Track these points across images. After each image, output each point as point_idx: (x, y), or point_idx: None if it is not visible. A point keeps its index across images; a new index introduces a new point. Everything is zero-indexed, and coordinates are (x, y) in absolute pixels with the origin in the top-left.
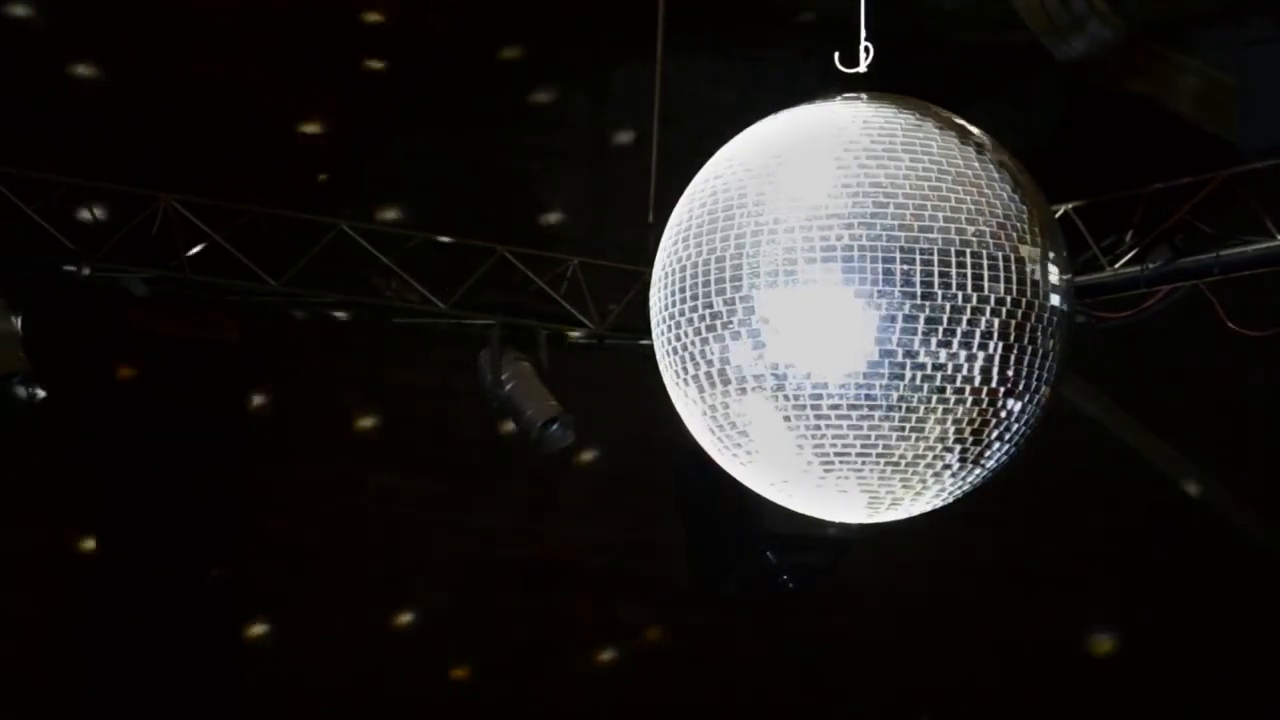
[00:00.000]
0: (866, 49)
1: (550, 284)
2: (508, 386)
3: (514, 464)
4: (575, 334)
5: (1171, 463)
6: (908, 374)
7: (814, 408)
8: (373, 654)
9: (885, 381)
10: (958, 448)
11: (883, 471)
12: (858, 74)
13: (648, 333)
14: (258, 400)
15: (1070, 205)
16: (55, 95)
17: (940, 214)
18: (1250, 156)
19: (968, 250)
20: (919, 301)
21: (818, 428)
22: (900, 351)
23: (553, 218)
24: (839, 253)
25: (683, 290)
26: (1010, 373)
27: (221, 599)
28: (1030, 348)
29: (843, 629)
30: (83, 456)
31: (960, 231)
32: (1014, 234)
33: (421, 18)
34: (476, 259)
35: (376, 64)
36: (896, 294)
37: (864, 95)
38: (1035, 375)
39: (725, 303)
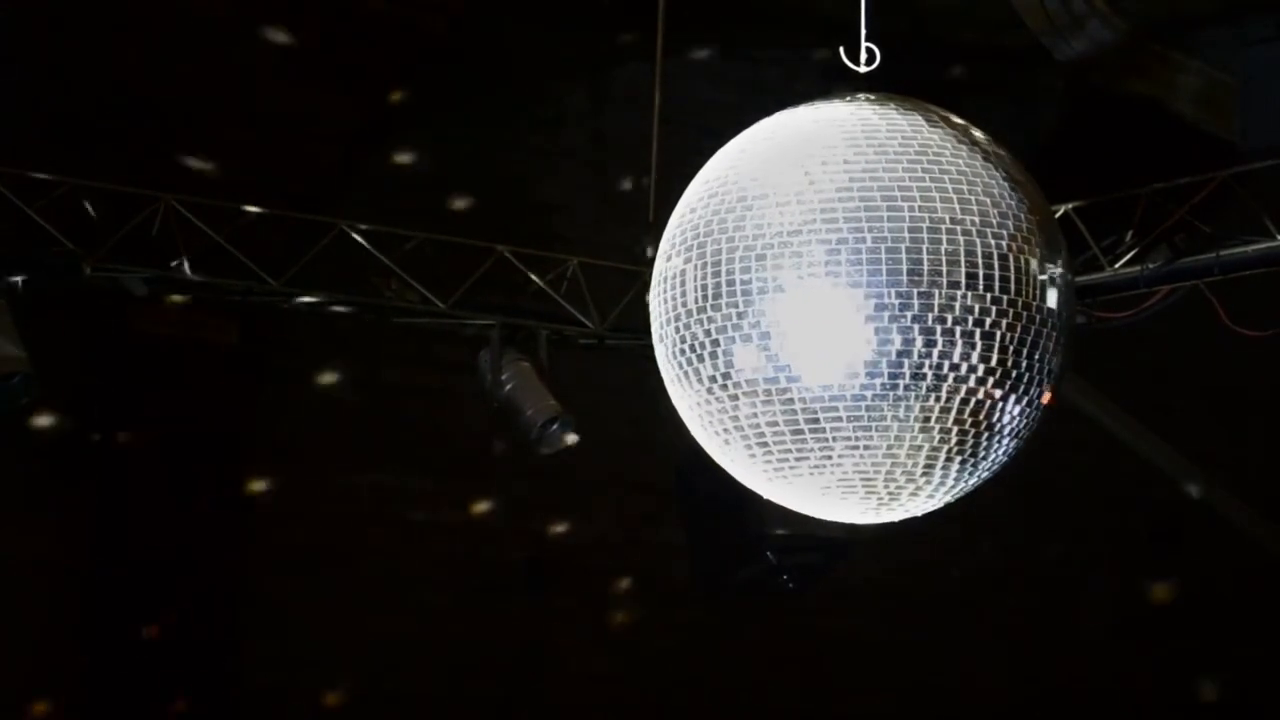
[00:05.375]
0: (869, 50)
1: (550, 284)
2: (508, 386)
3: (514, 464)
4: (574, 334)
5: (1171, 463)
6: (908, 374)
7: (814, 408)
8: (373, 654)
9: (885, 382)
10: (957, 448)
11: (883, 472)
12: (858, 74)
13: (648, 333)
14: (257, 400)
15: (1070, 205)
16: (56, 95)
17: (941, 214)
18: (1250, 156)
19: (968, 251)
20: (919, 302)
21: (818, 428)
22: (900, 352)
23: (553, 218)
24: (840, 254)
25: (682, 291)
26: (1010, 373)
27: (221, 600)
28: (1030, 348)
29: (843, 629)
30: (81, 457)
31: (961, 232)
32: (1014, 234)
33: (422, 17)
34: (476, 259)
35: (377, 64)
36: (896, 294)
37: (864, 95)
38: (1035, 375)
39: (724, 303)
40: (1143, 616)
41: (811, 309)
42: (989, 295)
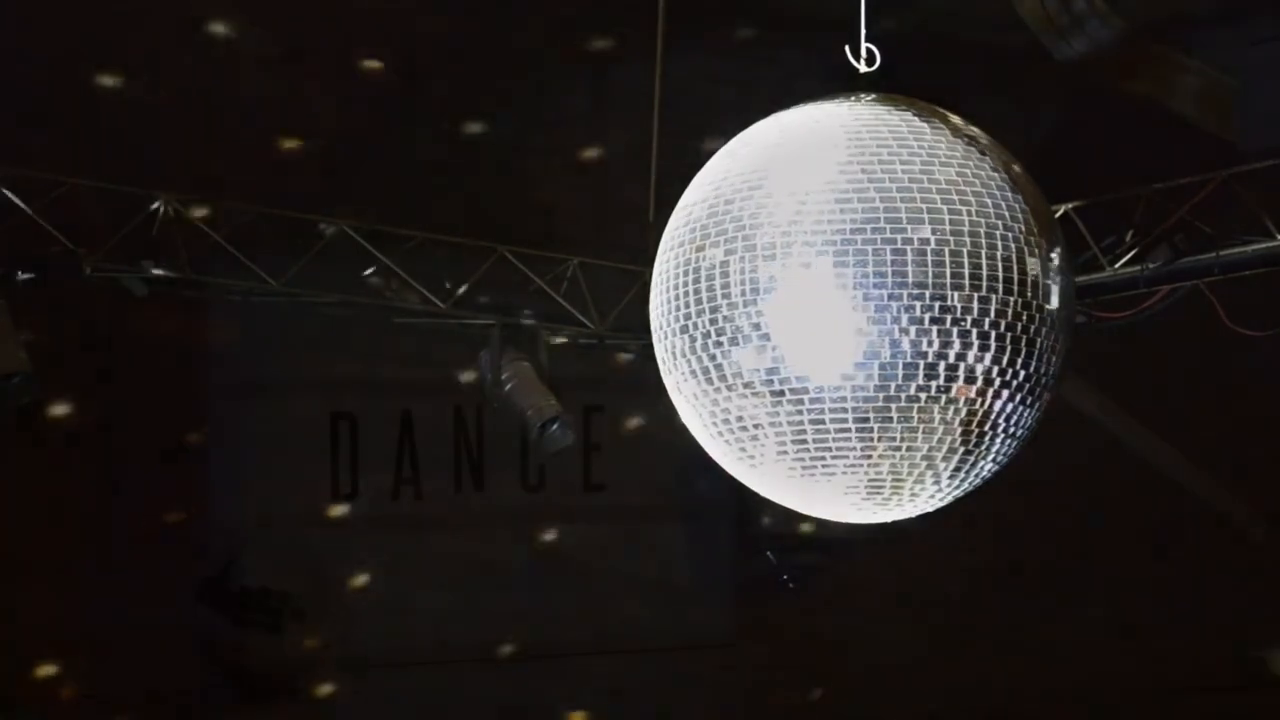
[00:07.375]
0: (870, 51)
1: (550, 284)
2: (508, 386)
3: (514, 464)
4: (574, 334)
5: (1171, 463)
6: (908, 374)
7: (815, 408)
8: (373, 654)
9: (886, 382)
10: (958, 448)
11: (884, 471)
12: (858, 74)
13: (648, 333)
14: (256, 402)
15: (1070, 205)
16: (56, 96)
17: (941, 214)
18: (1250, 156)
19: (968, 251)
20: (919, 302)
21: (818, 428)
22: (901, 352)
23: (553, 218)
24: (840, 254)
25: (682, 291)
26: (1010, 373)
27: (220, 599)
28: (1030, 347)
29: (843, 629)
30: (81, 456)
31: (960, 232)
32: (1014, 234)
33: (422, 17)
34: (477, 259)
35: (377, 65)
36: (897, 295)
37: (864, 95)
38: (1035, 375)
39: (725, 304)
40: (1142, 616)
41: (811, 308)
42: (988, 295)
